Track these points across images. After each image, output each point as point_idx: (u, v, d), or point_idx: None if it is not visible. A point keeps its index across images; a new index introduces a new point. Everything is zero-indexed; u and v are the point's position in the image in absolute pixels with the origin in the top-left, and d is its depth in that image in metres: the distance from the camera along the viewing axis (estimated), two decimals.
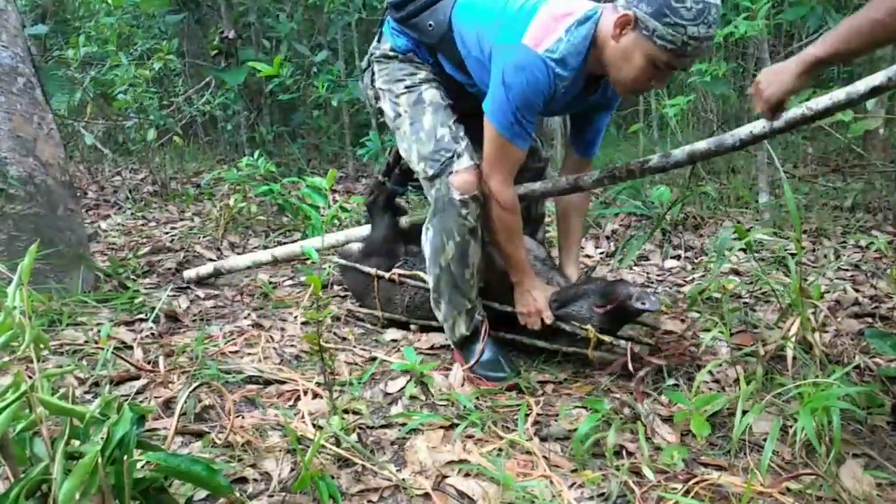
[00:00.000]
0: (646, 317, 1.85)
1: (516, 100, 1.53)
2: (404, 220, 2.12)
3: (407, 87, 1.79)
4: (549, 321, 1.74)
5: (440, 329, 1.97)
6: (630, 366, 1.63)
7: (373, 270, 2.04)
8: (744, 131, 1.54)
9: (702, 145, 1.61)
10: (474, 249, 1.71)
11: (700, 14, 1.39)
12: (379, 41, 1.88)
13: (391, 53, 1.83)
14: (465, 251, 1.70)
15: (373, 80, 1.88)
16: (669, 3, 1.39)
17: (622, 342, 1.72)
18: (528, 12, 1.56)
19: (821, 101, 1.44)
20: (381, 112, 1.89)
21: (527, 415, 1.51)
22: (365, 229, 2.28)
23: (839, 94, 1.41)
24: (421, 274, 1.96)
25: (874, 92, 1.37)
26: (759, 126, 1.51)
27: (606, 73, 1.58)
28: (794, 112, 1.47)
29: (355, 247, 2.22)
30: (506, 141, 1.59)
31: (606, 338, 1.69)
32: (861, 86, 1.37)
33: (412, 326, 2.04)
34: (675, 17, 1.39)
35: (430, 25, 1.72)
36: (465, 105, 1.79)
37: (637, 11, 1.44)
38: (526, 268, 1.75)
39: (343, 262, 2.21)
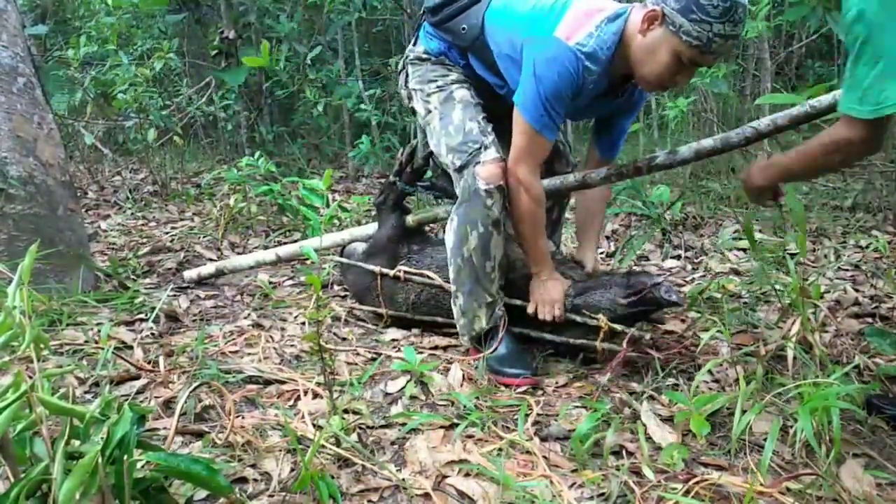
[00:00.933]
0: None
1: (547, 91, 1.58)
2: (410, 218, 2.13)
3: (438, 87, 1.85)
4: (559, 316, 1.76)
5: (443, 326, 1.97)
6: (625, 353, 1.64)
7: (376, 268, 2.05)
8: (749, 128, 1.56)
9: (708, 143, 1.63)
10: (497, 242, 1.73)
11: (726, 12, 1.43)
12: (414, 44, 1.95)
13: (424, 56, 1.90)
14: (487, 242, 1.72)
15: (406, 81, 1.94)
16: (697, 1, 1.44)
17: (633, 331, 1.71)
18: (560, 8, 1.62)
19: (824, 99, 1.45)
20: (413, 111, 1.96)
21: (527, 415, 1.51)
22: (367, 229, 2.28)
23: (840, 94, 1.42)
24: (426, 272, 1.97)
25: None
26: (764, 123, 1.54)
27: (632, 70, 1.63)
28: (797, 110, 1.48)
29: (359, 247, 2.22)
30: (535, 132, 1.63)
31: (618, 326, 1.69)
32: None
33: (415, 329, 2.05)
34: (702, 14, 1.44)
35: (464, 29, 1.79)
36: (495, 107, 1.84)
37: (665, 7, 1.49)
38: (547, 258, 1.79)
39: (344, 260, 2.21)
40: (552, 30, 1.59)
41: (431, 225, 2.23)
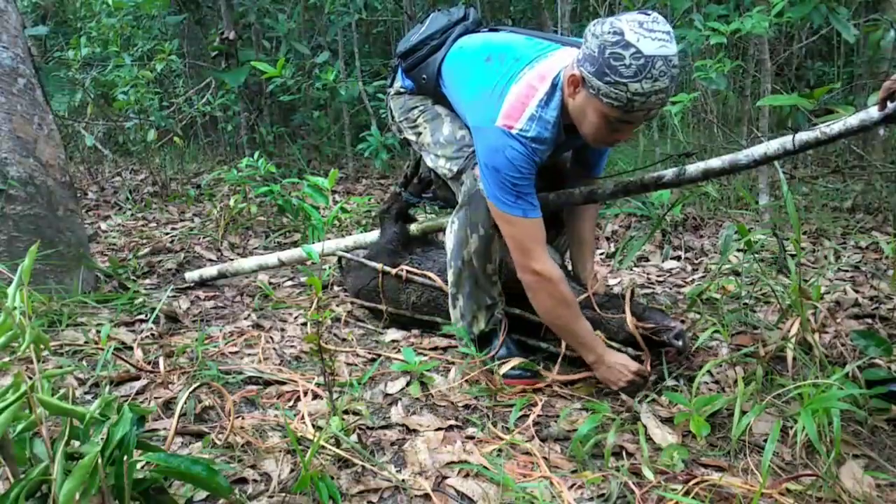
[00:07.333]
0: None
1: (509, 177, 1.55)
2: (415, 227, 2.13)
3: (421, 110, 1.91)
4: (649, 374, 1.63)
5: (443, 327, 1.97)
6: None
7: (379, 266, 2.05)
8: (758, 151, 1.56)
9: (716, 163, 1.63)
10: (497, 245, 1.72)
11: (641, 70, 1.36)
12: (392, 82, 2.01)
13: (401, 90, 1.97)
14: (488, 245, 1.71)
15: (393, 116, 2.00)
16: (608, 62, 1.37)
17: (629, 351, 1.71)
18: (502, 90, 1.58)
19: (835, 127, 1.46)
20: (407, 143, 2.00)
21: (527, 416, 1.51)
22: (371, 235, 2.28)
23: (852, 121, 1.43)
24: (428, 273, 1.97)
25: (887, 119, 1.39)
26: (773, 146, 1.54)
27: None
28: (808, 135, 1.49)
29: (360, 253, 2.23)
30: (521, 219, 1.57)
31: (615, 344, 1.69)
32: (875, 113, 1.39)
33: (415, 330, 2.04)
34: (615, 75, 1.37)
35: (424, 78, 1.86)
36: None
37: (582, 71, 1.44)
38: (597, 339, 1.64)
39: (348, 255, 2.22)
40: (494, 119, 1.55)
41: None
